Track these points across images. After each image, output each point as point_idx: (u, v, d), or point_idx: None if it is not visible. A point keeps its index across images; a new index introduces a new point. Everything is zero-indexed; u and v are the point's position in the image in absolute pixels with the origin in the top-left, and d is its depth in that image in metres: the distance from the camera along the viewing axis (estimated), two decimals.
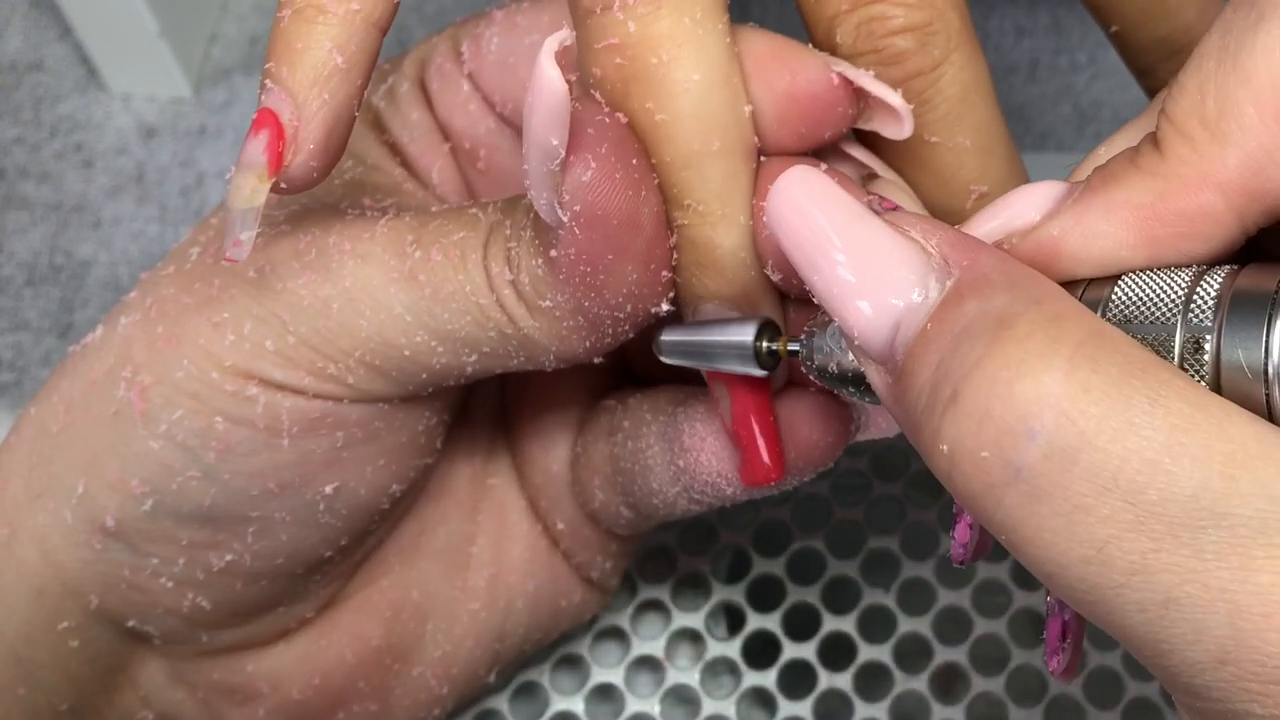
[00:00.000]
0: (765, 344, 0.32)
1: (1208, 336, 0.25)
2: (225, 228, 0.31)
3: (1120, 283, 0.27)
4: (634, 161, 0.31)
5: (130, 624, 0.36)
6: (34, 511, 0.35)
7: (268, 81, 0.31)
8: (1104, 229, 0.27)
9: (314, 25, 0.31)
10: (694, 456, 0.35)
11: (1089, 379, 0.23)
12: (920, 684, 0.43)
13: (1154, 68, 0.37)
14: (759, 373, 0.32)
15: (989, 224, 0.29)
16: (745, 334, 0.32)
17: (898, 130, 0.33)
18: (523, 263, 0.32)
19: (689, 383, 0.36)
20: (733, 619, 0.45)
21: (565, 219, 0.30)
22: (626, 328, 0.33)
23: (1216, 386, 0.25)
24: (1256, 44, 0.26)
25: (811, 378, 0.31)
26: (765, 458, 0.34)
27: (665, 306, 0.33)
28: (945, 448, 0.25)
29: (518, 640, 0.41)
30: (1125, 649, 0.24)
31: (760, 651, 0.44)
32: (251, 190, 0.31)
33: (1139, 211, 0.27)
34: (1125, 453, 0.23)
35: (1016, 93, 0.56)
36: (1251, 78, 0.26)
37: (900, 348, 0.26)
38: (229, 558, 0.35)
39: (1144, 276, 0.27)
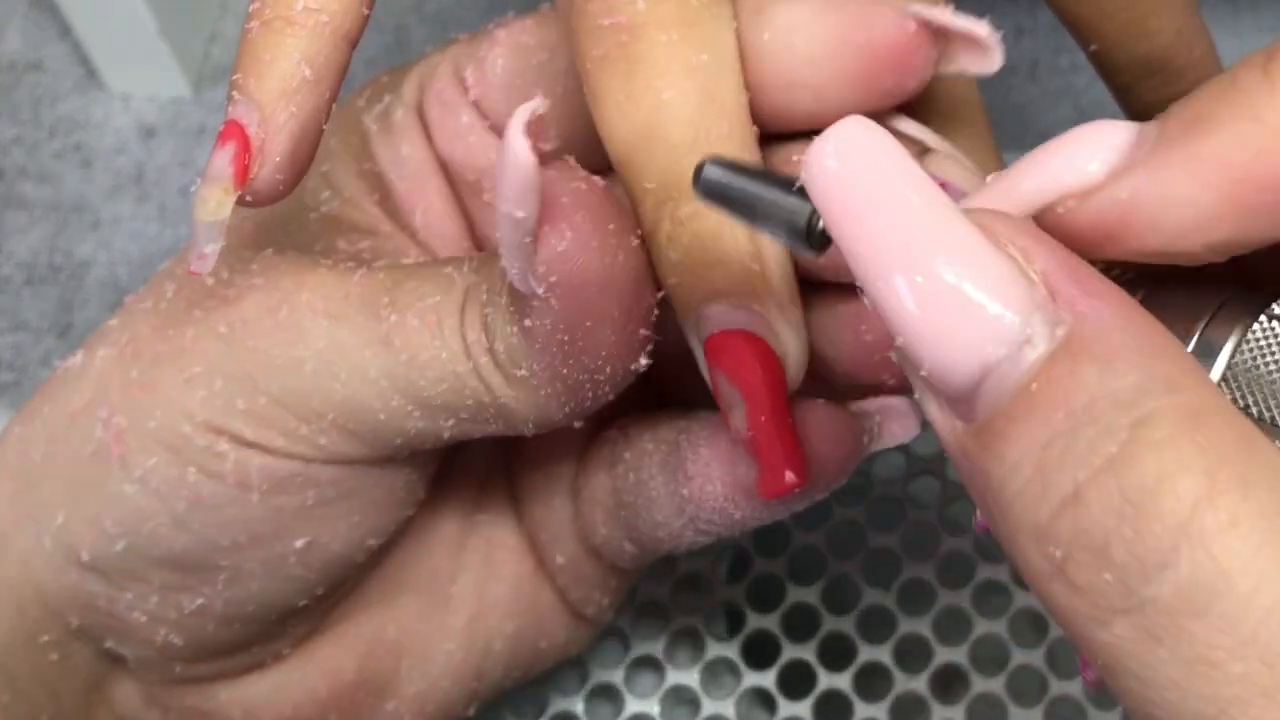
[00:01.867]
0: (821, 223, 0.24)
1: None
2: (191, 240, 0.31)
3: (1246, 342, 0.22)
4: (610, 226, 0.30)
5: (108, 644, 0.36)
6: (19, 533, 0.35)
7: (235, 93, 0.31)
8: (1186, 194, 0.22)
9: (282, 37, 0.30)
10: (699, 484, 0.34)
11: (1238, 509, 0.20)
12: (920, 684, 0.43)
13: (1132, 86, 0.37)
14: (806, 251, 0.25)
15: (1038, 178, 0.24)
16: (802, 209, 0.24)
17: (987, 63, 0.31)
18: (499, 330, 0.31)
19: (691, 406, 0.35)
20: (732, 619, 0.45)
21: (540, 290, 0.29)
22: (606, 389, 0.32)
23: None
24: None
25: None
26: (784, 470, 0.32)
27: (643, 362, 0.32)
28: (1057, 553, 0.21)
29: (497, 678, 0.40)
30: None
31: (760, 652, 0.44)
32: (216, 203, 0.30)
33: (1231, 171, 0.22)
34: (1272, 605, 0.20)
35: (1016, 93, 0.56)
36: None
37: (988, 403, 0.22)
38: (200, 601, 0.35)
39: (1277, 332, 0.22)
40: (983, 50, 0.31)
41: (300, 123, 0.30)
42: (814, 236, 0.24)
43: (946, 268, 0.21)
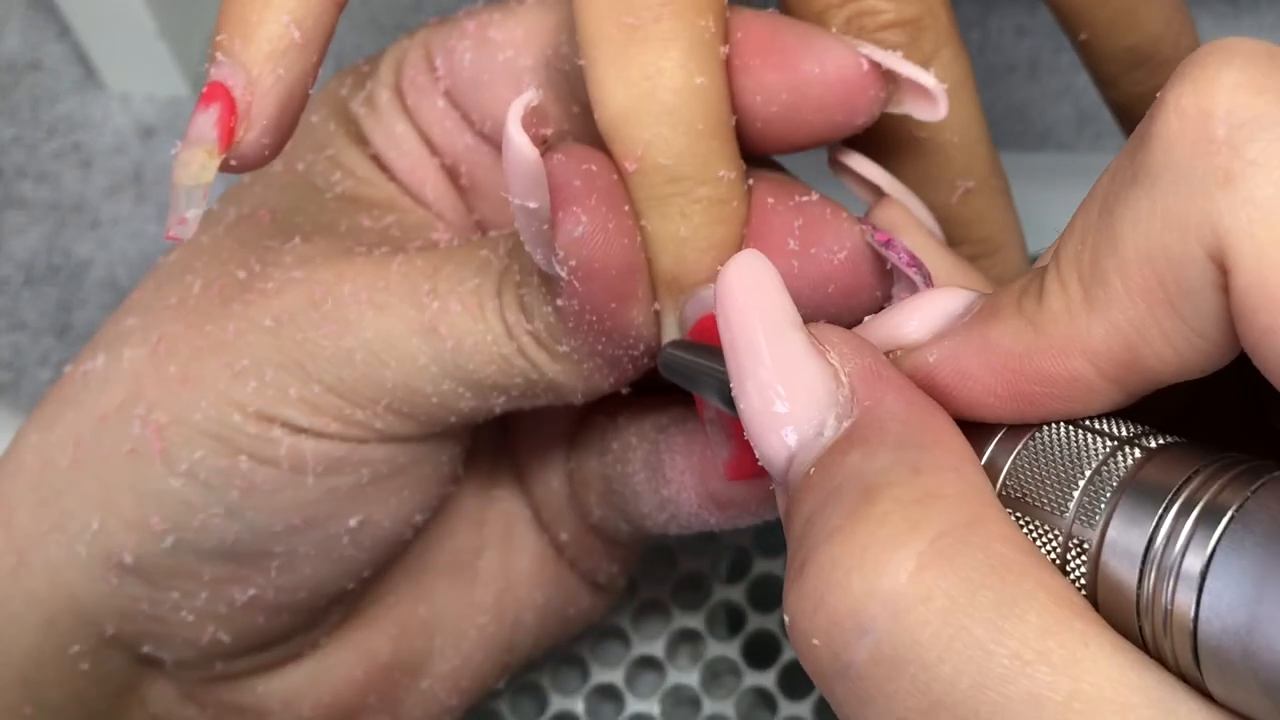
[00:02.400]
0: None
1: (1091, 534, 0.23)
2: (170, 204, 0.30)
3: (1031, 440, 0.24)
4: (626, 208, 0.30)
5: (144, 650, 0.36)
6: (45, 544, 0.35)
7: (219, 54, 0.30)
8: (975, 371, 0.25)
9: None
10: (675, 490, 0.35)
11: (935, 584, 0.21)
12: None
13: (1119, 78, 0.37)
14: (731, 411, 0.29)
15: (882, 327, 0.27)
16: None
17: (932, 111, 0.32)
18: (535, 310, 0.31)
19: (672, 394, 0.36)
20: (733, 619, 0.45)
21: (563, 274, 0.30)
22: (645, 361, 0.32)
23: (1094, 593, 0.23)
24: (1126, 211, 0.23)
25: None
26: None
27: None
28: (787, 619, 0.23)
29: (527, 649, 0.41)
30: None
31: (761, 651, 0.44)
32: (200, 166, 0.29)
33: (1008, 362, 0.24)
34: (954, 675, 0.21)
35: (1016, 92, 0.56)
36: (1118, 247, 0.23)
37: (791, 483, 0.25)
38: (252, 592, 0.35)
39: (1061, 436, 0.24)
40: (929, 99, 0.32)
41: (288, 87, 0.30)
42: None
43: (768, 375, 0.25)
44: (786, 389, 0.25)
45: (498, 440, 0.40)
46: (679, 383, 0.31)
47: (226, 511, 0.33)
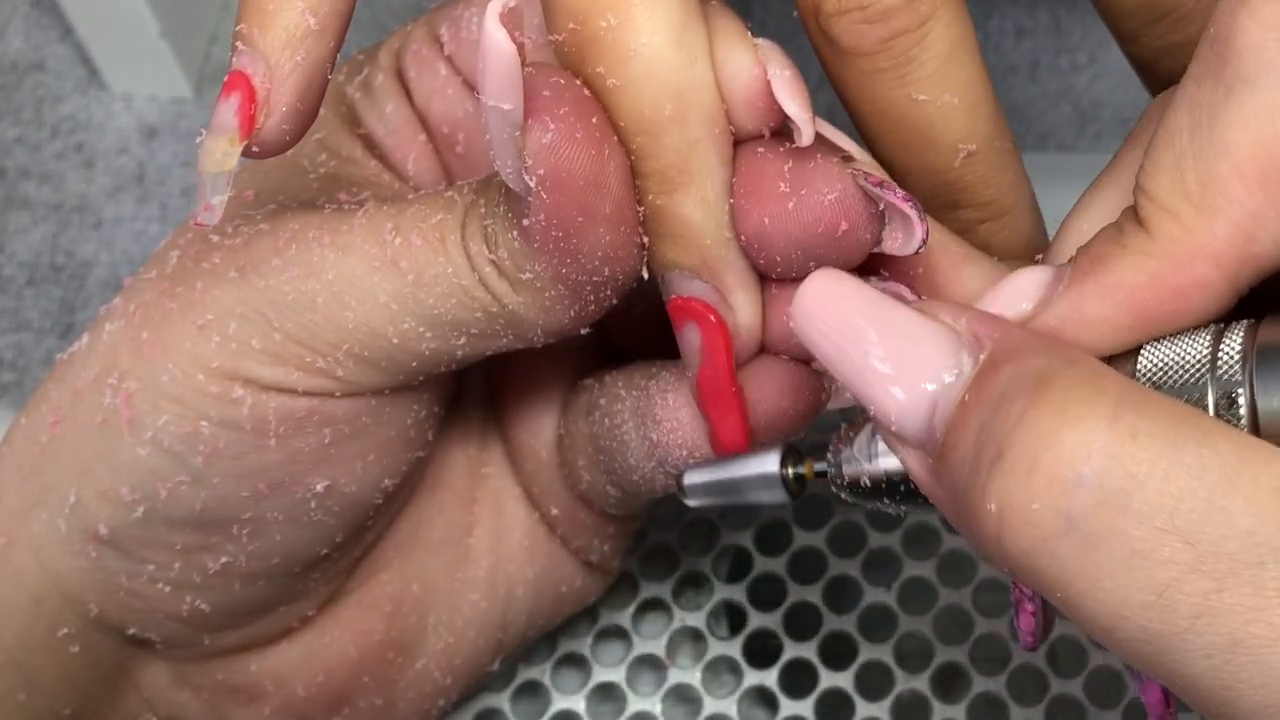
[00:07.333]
0: (791, 470, 0.32)
1: (1240, 390, 0.26)
2: (197, 192, 0.31)
3: (1143, 354, 0.27)
4: (594, 120, 0.30)
5: (131, 631, 0.36)
6: (29, 522, 0.35)
7: (239, 44, 0.30)
8: (1101, 314, 0.28)
9: None
10: (665, 429, 0.35)
11: (1135, 424, 0.24)
12: (921, 683, 0.43)
13: (1139, 33, 0.37)
14: (788, 501, 0.33)
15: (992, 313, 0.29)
16: (770, 464, 0.33)
17: (797, 137, 0.32)
18: (500, 238, 0.32)
19: (663, 356, 0.36)
20: (734, 618, 0.45)
21: (532, 184, 0.30)
22: (608, 292, 0.32)
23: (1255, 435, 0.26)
24: (1231, 117, 0.26)
25: (843, 496, 0.31)
26: (731, 428, 0.34)
27: (644, 272, 0.32)
28: (993, 506, 0.24)
29: (520, 628, 0.41)
30: (1186, 702, 0.24)
31: (761, 651, 0.44)
32: (223, 154, 0.30)
33: (1134, 293, 0.27)
34: (1180, 492, 0.23)
35: (1016, 93, 0.56)
36: (1231, 149, 0.26)
37: (939, 425, 0.26)
38: (224, 560, 0.35)
39: (1165, 345, 0.27)
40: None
41: (306, 73, 0.30)
42: (790, 487, 0.33)
43: (892, 346, 0.27)
44: (904, 352, 0.27)
45: (486, 416, 0.40)
46: (715, 503, 0.34)
47: (192, 479, 0.34)
